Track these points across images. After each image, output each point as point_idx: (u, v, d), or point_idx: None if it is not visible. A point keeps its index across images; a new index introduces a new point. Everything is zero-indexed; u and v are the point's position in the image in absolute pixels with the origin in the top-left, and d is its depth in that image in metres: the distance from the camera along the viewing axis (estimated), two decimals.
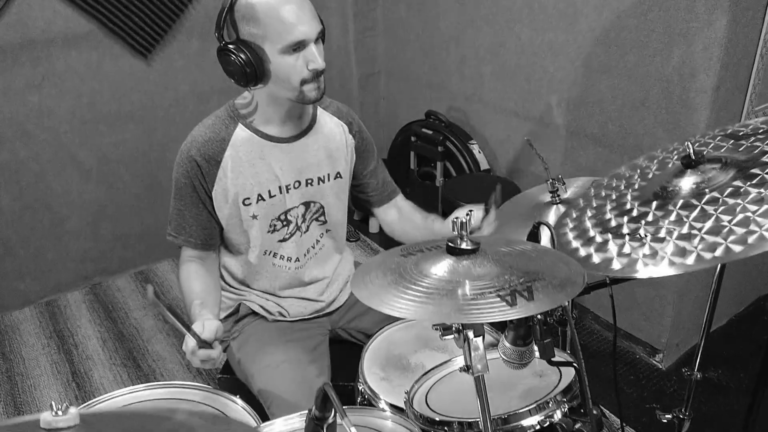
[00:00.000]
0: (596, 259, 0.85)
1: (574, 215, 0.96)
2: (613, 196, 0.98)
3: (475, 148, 2.77)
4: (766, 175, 0.86)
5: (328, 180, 1.53)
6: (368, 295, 0.73)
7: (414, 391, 1.09)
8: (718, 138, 1.08)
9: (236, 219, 1.47)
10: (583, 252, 0.85)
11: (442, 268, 0.78)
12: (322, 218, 1.56)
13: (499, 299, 0.67)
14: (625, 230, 0.86)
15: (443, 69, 2.89)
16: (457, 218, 0.78)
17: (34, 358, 2.50)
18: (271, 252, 1.53)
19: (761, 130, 1.02)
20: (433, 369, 1.14)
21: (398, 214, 1.70)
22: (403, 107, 3.19)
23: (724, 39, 1.85)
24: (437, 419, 1.00)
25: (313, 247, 1.58)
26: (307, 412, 0.76)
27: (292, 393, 1.39)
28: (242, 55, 1.29)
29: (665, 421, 1.26)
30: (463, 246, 0.78)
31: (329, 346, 1.60)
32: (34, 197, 2.64)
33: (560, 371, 1.06)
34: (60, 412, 0.74)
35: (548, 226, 0.83)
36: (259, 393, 1.45)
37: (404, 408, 1.09)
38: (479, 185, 2.63)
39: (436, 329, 0.81)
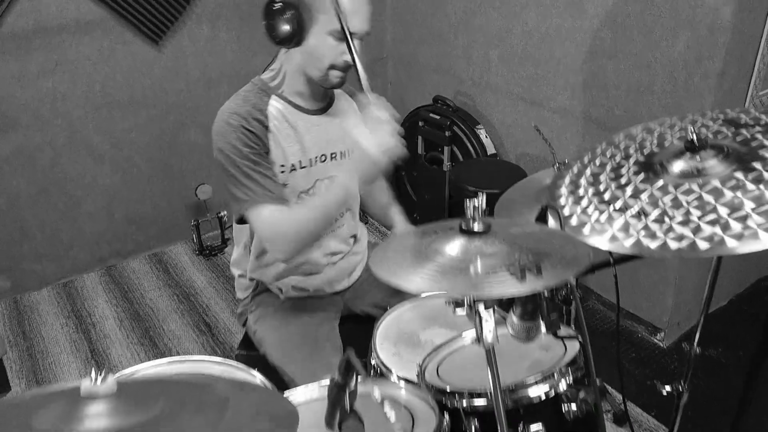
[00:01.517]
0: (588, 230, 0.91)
1: (569, 180, 1.01)
2: (609, 167, 1.02)
3: (482, 133, 2.81)
4: (765, 172, 0.89)
5: (347, 156, 1.56)
6: (387, 272, 0.78)
7: (425, 364, 1.14)
8: (719, 122, 1.12)
9: None
10: (574, 219, 0.91)
11: (455, 247, 0.83)
12: None
13: (509, 275, 0.72)
14: (619, 205, 0.91)
15: (450, 54, 2.92)
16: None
17: (53, 336, 2.57)
18: None
19: (762, 122, 1.06)
20: (443, 344, 1.20)
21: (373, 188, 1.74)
22: (411, 92, 3.22)
23: (730, 25, 1.87)
24: (448, 390, 1.05)
25: (336, 221, 1.60)
26: (328, 380, 0.81)
27: (307, 366, 1.46)
28: (292, 12, 1.33)
29: (665, 393, 1.32)
30: (475, 227, 0.83)
31: (342, 323, 1.66)
32: (50, 181, 2.70)
33: (565, 345, 1.11)
34: (99, 380, 0.80)
35: (556, 208, 0.88)
36: (276, 366, 1.53)
37: (416, 381, 1.15)
38: (486, 169, 2.67)
39: (449, 304, 0.86)
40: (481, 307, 0.78)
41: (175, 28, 2.73)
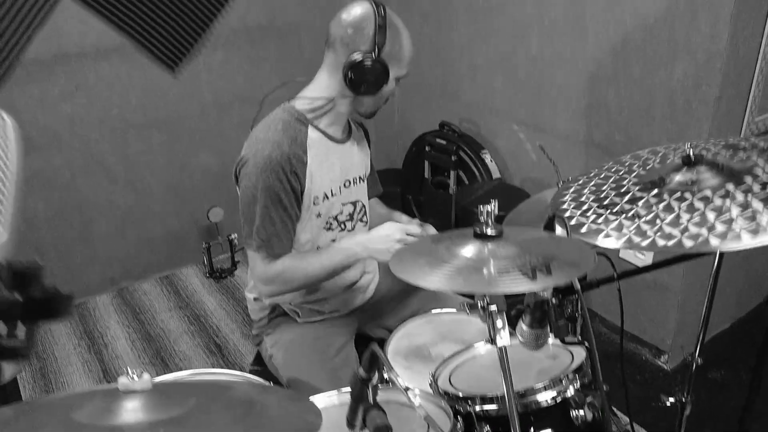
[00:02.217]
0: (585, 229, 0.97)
1: (574, 189, 1.08)
2: (613, 179, 1.09)
3: (487, 157, 2.88)
4: (754, 185, 0.95)
5: (364, 180, 1.65)
6: (407, 272, 0.84)
7: (438, 372, 1.19)
8: (719, 146, 1.19)
9: (304, 217, 1.54)
10: (574, 220, 0.98)
11: (470, 250, 0.89)
12: (365, 218, 1.68)
13: (521, 274, 0.78)
14: (617, 209, 0.97)
15: (456, 80, 3.01)
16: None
17: (65, 357, 2.61)
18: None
19: (759, 146, 1.13)
20: (454, 354, 1.24)
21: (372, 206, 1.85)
22: (418, 118, 3.30)
23: (726, 52, 1.95)
24: (461, 395, 1.10)
25: None
26: (351, 376, 0.86)
27: (320, 381, 1.49)
28: (380, 67, 1.43)
29: (668, 404, 1.36)
30: (488, 232, 0.89)
31: (356, 344, 1.69)
32: (66, 202, 2.77)
33: (572, 354, 1.16)
34: (135, 377, 0.86)
35: (563, 218, 0.94)
36: (289, 383, 1.56)
37: (429, 391, 1.19)
38: (491, 193, 2.73)
39: (463, 307, 0.91)
40: (494, 308, 0.83)
41: (190, 55, 2.83)
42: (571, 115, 2.51)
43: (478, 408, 1.08)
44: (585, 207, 1.02)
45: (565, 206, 1.04)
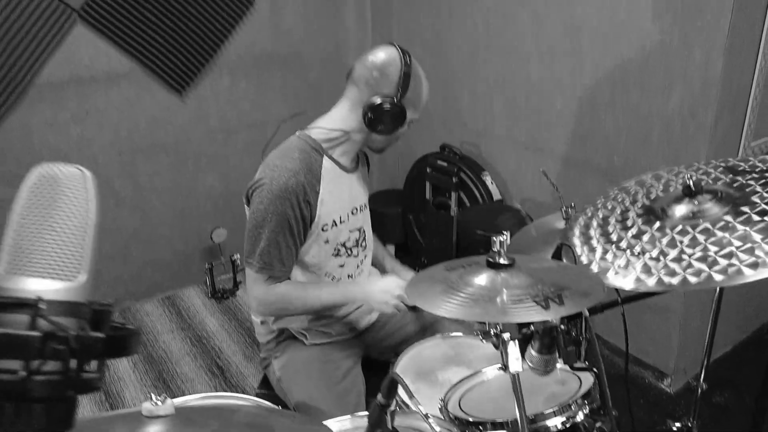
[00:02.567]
0: (595, 267, 1.02)
1: (583, 222, 1.12)
2: (618, 210, 1.13)
3: (488, 179, 2.93)
4: (753, 215, 1.00)
5: (366, 207, 1.71)
6: (423, 299, 0.88)
7: (447, 398, 1.22)
8: (719, 169, 1.23)
9: (314, 244, 1.59)
10: (584, 258, 1.02)
11: (483, 279, 0.93)
12: (364, 243, 1.73)
13: (534, 304, 0.82)
14: (624, 245, 1.01)
15: (456, 106, 3.07)
16: None
17: None
18: (330, 275, 1.66)
19: (758, 169, 1.17)
20: (464, 379, 1.27)
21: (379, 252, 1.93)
22: (419, 142, 3.36)
23: (720, 80, 2.01)
24: (471, 420, 1.13)
25: (359, 267, 1.73)
26: (373, 401, 0.89)
27: (328, 405, 1.52)
28: (399, 111, 1.52)
29: (675, 429, 1.39)
30: (501, 261, 0.93)
31: (363, 367, 1.73)
32: None
33: (580, 379, 1.19)
34: (159, 402, 0.89)
35: (571, 246, 0.98)
36: (296, 406, 1.59)
37: (439, 415, 1.21)
38: (492, 214, 2.78)
39: (477, 334, 0.94)
40: (506, 336, 0.87)
41: (198, 80, 2.88)
42: (570, 139, 2.56)
43: None
44: (593, 241, 1.06)
45: (575, 240, 1.08)
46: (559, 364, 1.04)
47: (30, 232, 0.47)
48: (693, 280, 0.89)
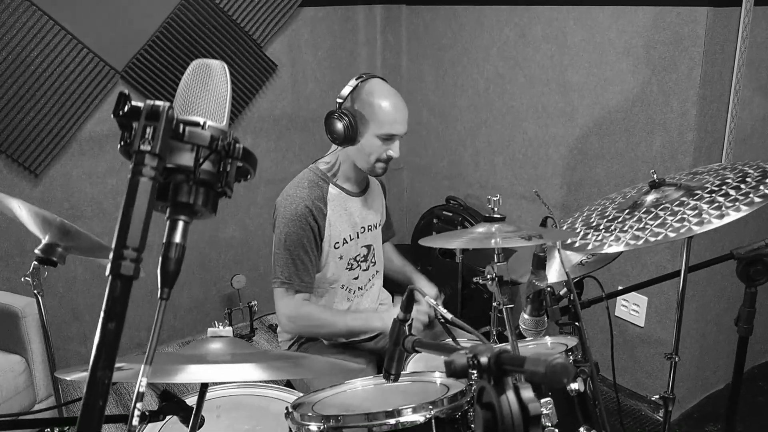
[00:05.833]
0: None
1: (571, 219, 1.32)
2: (599, 209, 1.34)
3: None
4: (703, 194, 1.20)
5: (378, 227, 1.92)
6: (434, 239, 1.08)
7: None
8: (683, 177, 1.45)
9: (331, 261, 1.83)
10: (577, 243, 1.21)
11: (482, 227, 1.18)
12: (374, 259, 1.93)
13: (521, 239, 1.02)
14: (602, 227, 1.22)
15: (460, 163, 3.33)
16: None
17: None
18: (346, 287, 1.89)
19: (712, 171, 1.39)
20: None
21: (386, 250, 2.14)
22: (425, 196, 3.60)
23: (695, 126, 2.26)
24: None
25: (370, 281, 1.96)
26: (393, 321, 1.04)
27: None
28: (348, 120, 1.70)
29: (654, 398, 1.55)
30: (495, 216, 1.16)
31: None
32: (103, 268, 2.97)
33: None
34: (221, 326, 1.08)
35: (553, 218, 1.18)
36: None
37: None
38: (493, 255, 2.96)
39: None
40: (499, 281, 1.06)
41: None
42: (565, 188, 2.79)
43: None
44: (581, 233, 1.27)
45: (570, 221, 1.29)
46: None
47: (195, 92, 0.69)
48: (652, 239, 1.08)
